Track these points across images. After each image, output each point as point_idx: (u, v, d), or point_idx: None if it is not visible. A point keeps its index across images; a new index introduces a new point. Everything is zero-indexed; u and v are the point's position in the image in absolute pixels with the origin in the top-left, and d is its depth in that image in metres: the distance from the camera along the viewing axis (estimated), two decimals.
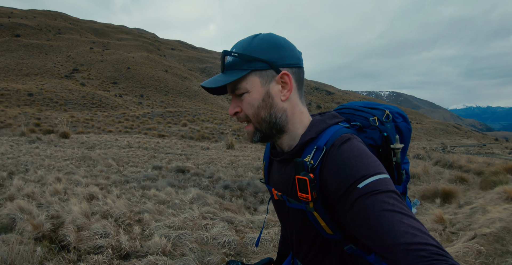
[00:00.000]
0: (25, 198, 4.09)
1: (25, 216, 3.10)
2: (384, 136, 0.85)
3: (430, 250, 0.55)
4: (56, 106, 34.57)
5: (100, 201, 4.01)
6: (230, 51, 0.79)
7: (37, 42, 78.26)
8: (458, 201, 6.10)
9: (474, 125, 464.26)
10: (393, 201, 0.62)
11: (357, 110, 0.93)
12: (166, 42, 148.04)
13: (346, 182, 0.67)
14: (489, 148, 56.06)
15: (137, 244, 2.58)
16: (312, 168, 0.75)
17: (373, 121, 0.87)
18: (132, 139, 15.15)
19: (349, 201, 0.66)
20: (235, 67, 0.79)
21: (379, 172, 0.67)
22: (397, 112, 0.93)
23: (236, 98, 0.83)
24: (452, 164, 13.11)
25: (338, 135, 0.77)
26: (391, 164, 0.86)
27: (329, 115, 0.86)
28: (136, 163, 8.44)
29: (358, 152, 0.71)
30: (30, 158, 7.88)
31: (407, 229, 0.58)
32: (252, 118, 0.81)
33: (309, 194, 0.73)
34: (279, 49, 0.79)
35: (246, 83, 0.79)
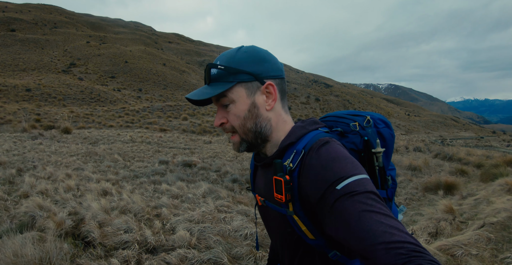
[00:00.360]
0: (39, 195, 4.11)
1: (45, 214, 3.13)
2: (364, 141, 0.86)
3: (408, 248, 0.56)
4: (54, 101, 34.41)
5: (115, 196, 4.04)
6: (215, 63, 0.80)
7: (33, 36, 77.42)
8: (461, 193, 6.19)
9: (472, 118, 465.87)
10: (371, 202, 0.63)
11: (340, 117, 0.96)
12: (163, 35, 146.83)
13: (325, 184, 0.68)
14: (486, 141, 56.37)
15: (162, 238, 2.62)
16: (290, 170, 0.76)
17: (353, 126, 0.89)
18: (134, 134, 15.15)
19: (328, 203, 0.66)
20: (221, 79, 0.79)
21: (356, 172, 0.67)
22: (379, 119, 0.95)
23: (221, 109, 0.84)
24: (451, 156, 13.23)
25: (316, 139, 0.78)
26: (374, 168, 0.87)
27: (310, 121, 0.88)
28: (142, 158, 8.48)
29: (335, 155, 0.72)
30: (36, 155, 7.88)
31: (386, 228, 0.59)
32: (238, 129, 0.82)
33: (283, 195, 0.74)
34: (262, 62, 0.81)
35: (232, 94, 0.80)
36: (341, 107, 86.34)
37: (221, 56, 0.82)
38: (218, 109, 0.85)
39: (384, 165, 0.89)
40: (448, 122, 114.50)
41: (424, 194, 6.70)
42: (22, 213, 3.30)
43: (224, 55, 0.81)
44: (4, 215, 3.35)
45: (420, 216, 4.57)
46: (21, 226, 3.02)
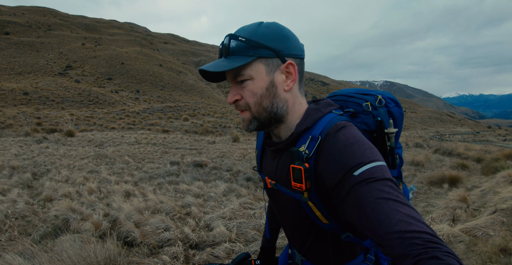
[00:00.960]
0: (63, 198, 4.19)
1: (78, 216, 3.21)
2: (378, 121, 0.85)
3: (424, 238, 0.55)
4: (53, 105, 34.27)
5: (139, 197, 4.12)
6: (237, 35, 0.76)
7: (28, 39, 76.93)
8: (466, 186, 6.39)
9: (467, 113, 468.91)
10: (389, 189, 0.62)
11: (350, 96, 0.94)
12: (158, 36, 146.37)
13: (342, 170, 0.67)
14: (483, 136, 56.90)
15: (203, 235, 2.71)
16: (307, 157, 0.75)
17: (366, 107, 0.87)
18: (138, 136, 15.20)
19: (345, 189, 0.66)
20: (240, 52, 0.76)
21: (375, 159, 0.67)
22: (389, 97, 0.93)
23: (236, 85, 0.81)
24: (451, 152, 13.46)
25: (332, 124, 0.76)
26: (386, 149, 0.85)
27: (324, 103, 0.85)
28: (152, 159, 8.55)
29: (353, 140, 0.70)
30: (46, 158, 7.93)
31: (402, 217, 0.58)
32: (253, 107, 0.79)
33: (303, 183, 0.73)
34: (285, 39, 0.78)
35: (251, 70, 0.76)
36: None
37: (240, 29, 0.78)
38: (232, 85, 0.82)
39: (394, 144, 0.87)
40: (444, 118, 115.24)
41: (430, 188, 6.88)
42: (52, 216, 3.37)
43: (244, 29, 0.77)
44: (34, 219, 3.41)
45: (432, 207, 4.74)
46: (55, 229, 3.11)
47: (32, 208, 3.73)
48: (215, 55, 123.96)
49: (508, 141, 41.17)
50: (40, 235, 2.82)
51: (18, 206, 3.63)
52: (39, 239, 2.73)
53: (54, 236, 2.84)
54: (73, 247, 1.98)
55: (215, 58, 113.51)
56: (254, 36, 0.75)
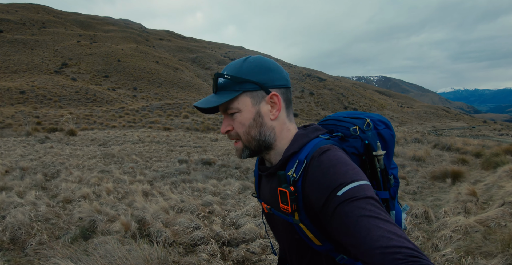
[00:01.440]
0: (82, 200, 4.20)
1: (104, 217, 3.25)
2: (365, 144, 0.87)
3: (405, 253, 0.57)
4: (50, 103, 34.06)
5: (157, 197, 4.17)
6: (222, 73, 0.83)
7: (22, 37, 76.03)
8: (469, 180, 6.53)
9: (462, 108, 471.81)
10: (371, 207, 0.64)
11: (340, 120, 0.96)
12: (153, 33, 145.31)
13: (326, 191, 0.70)
14: (479, 130, 57.45)
15: (233, 232, 2.77)
16: (294, 181, 0.78)
17: (353, 131, 0.89)
18: (140, 134, 15.18)
19: (330, 209, 0.68)
20: (227, 88, 0.82)
21: (356, 179, 0.69)
22: (379, 120, 0.95)
23: (227, 117, 0.86)
24: (450, 147, 13.64)
25: (317, 147, 0.80)
26: (376, 171, 0.88)
27: (311, 128, 0.89)
28: (159, 158, 8.58)
29: (336, 161, 0.73)
30: (53, 159, 7.92)
31: (383, 233, 0.60)
32: (242, 136, 0.84)
33: (289, 205, 0.76)
34: (268, 71, 0.83)
35: (238, 103, 0.82)
36: (335, 100, 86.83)
37: (228, 66, 0.85)
38: (224, 117, 0.87)
39: (386, 166, 0.90)
40: (440, 112, 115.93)
41: (433, 182, 7.02)
42: (77, 218, 3.40)
43: (231, 65, 0.84)
44: (58, 222, 3.42)
45: (439, 201, 4.85)
46: (83, 231, 3.14)
47: (53, 210, 3.74)
48: (212, 51, 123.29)
49: (505, 135, 41.70)
50: (71, 238, 2.85)
51: (40, 209, 3.64)
52: (70, 241, 2.77)
53: (84, 239, 2.88)
54: (120, 249, 2.01)
55: (211, 54, 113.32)
56: (239, 72, 0.81)
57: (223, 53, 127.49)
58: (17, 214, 3.24)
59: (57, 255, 2.16)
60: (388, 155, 0.92)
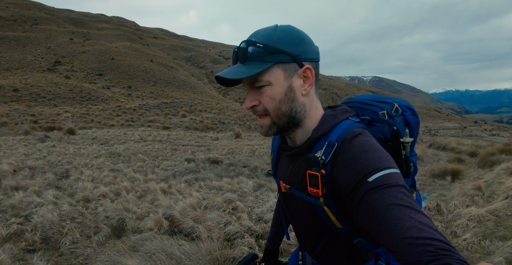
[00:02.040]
0: (101, 199, 4.21)
1: (132, 215, 3.30)
2: (393, 130, 0.85)
3: (436, 245, 0.55)
4: (44, 101, 33.62)
5: (177, 195, 4.22)
6: (254, 41, 0.76)
7: (13, 34, 74.88)
8: (469, 177, 6.79)
9: (453, 108, 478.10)
10: (402, 196, 0.63)
11: (366, 103, 0.93)
12: (147, 31, 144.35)
13: (357, 176, 0.68)
14: (470, 130, 58.49)
15: (264, 226, 2.85)
16: (323, 163, 0.75)
17: (382, 115, 0.87)
18: (141, 133, 15.14)
19: (359, 195, 0.67)
20: (258, 58, 0.76)
21: (389, 166, 0.68)
22: (406, 106, 0.93)
23: (253, 90, 0.80)
24: (445, 146, 13.97)
25: (349, 130, 0.77)
26: (401, 157, 0.86)
27: (341, 109, 0.86)
28: (165, 157, 8.59)
29: (368, 147, 0.71)
30: (59, 158, 7.88)
31: (414, 223, 0.58)
32: (272, 112, 0.79)
33: (320, 189, 0.74)
34: (302, 43, 0.78)
35: (269, 75, 0.76)
36: (329, 100, 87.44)
37: (256, 34, 0.78)
38: (249, 91, 0.82)
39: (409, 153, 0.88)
40: (432, 113, 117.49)
41: (434, 180, 7.29)
42: (103, 217, 3.44)
43: (260, 33, 0.77)
44: (84, 220, 3.41)
45: (444, 196, 5.05)
46: (114, 229, 3.18)
47: (76, 209, 3.76)
48: (206, 50, 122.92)
49: (496, 136, 42.65)
50: (104, 236, 2.89)
51: (63, 208, 3.65)
52: (104, 240, 2.81)
53: (116, 237, 2.93)
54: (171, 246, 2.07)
55: (206, 53, 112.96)
56: (271, 41, 0.75)
57: (218, 52, 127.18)
58: (46, 213, 3.25)
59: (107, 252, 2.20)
60: (412, 142, 0.89)
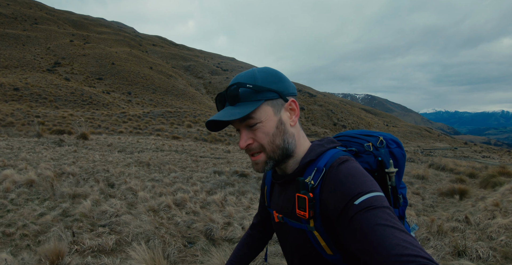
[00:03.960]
0: (166, 209, 4.44)
1: (218, 225, 3.54)
2: (378, 161, 0.90)
3: (420, 262, 0.57)
4: (46, 103, 33.48)
5: (236, 206, 4.48)
6: (243, 82, 0.80)
7: (13, 32, 74.58)
8: (475, 196, 7.38)
9: (443, 129, 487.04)
10: (387, 216, 0.66)
11: (353, 137, 0.99)
12: (146, 38, 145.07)
13: (344, 199, 0.71)
14: (461, 152, 59.87)
15: None
16: (312, 187, 0.79)
17: (367, 147, 0.92)
18: (155, 142, 15.31)
19: (347, 218, 0.69)
20: (248, 98, 0.80)
21: (374, 189, 0.71)
22: (391, 139, 0.98)
23: (246, 130, 0.84)
24: (444, 167, 14.58)
25: (336, 157, 0.82)
26: (387, 188, 0.90)
27: (327, 140, 0.92)
28: (192, 168, 8.80)
29: (354, 172, 0.75)
30: (90, 165, 7.98)
31: (399, 242, 0.61)
32: (267, 146, 0.82)
33: (307, 211, 0.77)
34: (282, 80, 0.84)
35: (260, 113, 0.81)
36: (324, 116, 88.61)
37: (239, 77, 0.83)
38: (242, 131, 0.84)
39: (396, 184, 0.92)
40: (423, 133, 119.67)
41: (443, 198, 7.83)
42: (185, 227, 3.68)
43: (243, 76, 0.83)
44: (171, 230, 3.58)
45: (460, 212, 5.51)
46: (202, 237, 3.42)
47: (155, 220, 3.88)
48: (204, 61, 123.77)
49: (486, 157, 43.97)
50: (205, 245, 3.14)
51: (143, 219, 3.87)
52: (205, 249, 3.06)
53: (213, 246, 3.19)
54: None
55: (204, 64, 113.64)
56: (257, 81, 0.81)
57: (216, 63, 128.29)
58: (142, 223, 3.47)
59: None
60: (399, 174, 0.96)
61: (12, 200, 4.41)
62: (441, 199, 7.81)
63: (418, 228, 5.42)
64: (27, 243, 3.00)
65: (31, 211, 3.91)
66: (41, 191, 4.94)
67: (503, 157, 47.66)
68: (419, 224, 4.33)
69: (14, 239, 3.06)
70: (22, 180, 5.27)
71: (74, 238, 3.04)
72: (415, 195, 8.19)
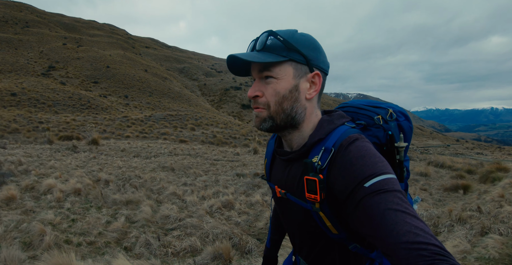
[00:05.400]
0: (219, 211, 4.77)
1: None
2: (388, 135, 0.87)
3: (432, 250, 0.56)
4: (44, 108, 33.38)
5: None
6: (276, 32, 0.78)
7: (5, 35, 73.82)
8: (478, 191, 8.04)
9: (434, 126, 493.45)
10: (398, 201, 0.64)
11: (361, 108, 0.95)
12: (139, 40, 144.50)
13: (353, 181, 0.69)
14: (454, 149, 61.17)
15: None
16: (320, 169, 0.76)
17: (377, 120, 0.89)
18: (167, 146, 15.57)
19: (356, 200, 0.67)
20: (275, 50, 0.78)
21: (385, 171, 0.69)
22: (400, 111, 0.94)
23: (260, 81, 0.82)
24: (442, 164, 15.20)
25: (345, 136, 0.78)
26: (395, 162, 0.87)
27: (337, 115, 0.87)
28: (214, 171, 9.09)
29: (365, 152, 0.72)
30: (118, 171, 8.17)
31: (410, 228, 0.59)
32: (273, 106, 0.80)
33: (318, 194, 0.74)
34: (317, 50, 0.82)
35: (280, 69, 0.79)
36: None
37: (278, 30, 0.80)
38: (256, 80, 0.83)
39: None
40: (416, 131, 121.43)
41: (448, 193, 8.41)
42: (246, 226, 3.99)
43: (283, 31, 0.80)
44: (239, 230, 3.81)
45: (468, 204, 6.01)
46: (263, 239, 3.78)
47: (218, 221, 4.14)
48: (198, 62, 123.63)
49: (480, 154, 45.17)
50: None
51: (208, 221, 4.07)
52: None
53: None
54: None
55: (198, 66, 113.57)
56: (291, 39, 0.78)
57: (210, 65, 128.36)
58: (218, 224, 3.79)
59: None
60: (406, 147, 0.91)
61: (69, 209, 4.64)
62: (447, 194, 8.36)
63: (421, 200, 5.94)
64: (117, 249, 3.31)
65: (96, 219, 4.18)
66: (91, 199, 5.22)
67: (494, 153, 48.89)
68: (439, 215, 4.76)
69: (100, 247, 3.34)
70: (68, 189, 5.52)
71: (161, 242, 3.37)
72: (423, 191, 8.76)
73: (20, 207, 4.57)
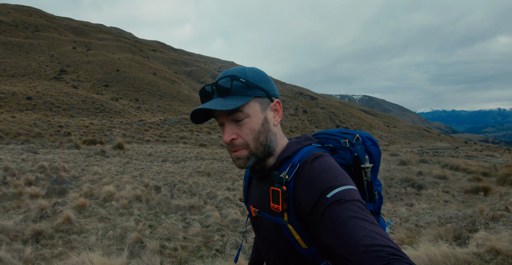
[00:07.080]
0: None
1: None
2: (354, 156, 0.93)
3: (388, 251, 0.60)
4: (60, 111, 33.93)
5: None
6: (237, 76, 0.83)
7: (16, 40, 74.99)
8: (498, 193, 8.23)
9: (441, 128, 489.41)
10: (357, 209, 0.68)
11: (331, 134, 1.02)
12: (146, 43, 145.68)
13: (317, 193, 0.74)
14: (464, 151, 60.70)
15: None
16: (286, 181, 0.81)
17: (344, 143, 0.95)
18: (191, 150, 15.85)
19: (320, 211, 0.72)
20: (239, 92, 0.83)
21: (345, 183, 0.74)
22: (367, 137, 1.01)
23: (231, 124, 0.85)
24: (457, 167, 15.31)
25: (310, 153, 0.85)
26: (363, 183, 0.93)
27: (304, 137, 0.95)
28: None
29: (327, 167, 0.78)
30: (159, 176, 8.33)
31: (368, 233, 0.63)
32: (251, 143, 0.85)
33: (280, 204, 0.79)
34: (269, 82, 0.89)
35: (249, 108, 0.84)
36: (327, 119, 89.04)
37: (230, 71, 0.86)
38: (226, 125, 0.86)
39: (372, 180, 0.95)
40: (424, 133, 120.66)
41: (470, 195, 8.61)
42: None
43: (234, 71, 0.86)
44: None
45: (493, 205, 6.25)
46: None
47: None
48: (206, 65, 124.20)
49: (490, 156, 44.90)
50: None
51: None
52: None
53: None
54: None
55: (206, 69, 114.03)
56: (250, 78, 0.85)
57: (217, 68, 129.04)
58: None
59: None
60: (374, 171, 0.98)
61: (140, 215, 4.92)
62: (468, 196, 8.57)
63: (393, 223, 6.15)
64: (213, 253, 3.57)
65: (172, 225, 4.42)
66: (155, 205, 5.50)
67: (504, 155, 48.58)
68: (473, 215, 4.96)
69: (193, 251, 3.58)
70: (130, 195, 5.79)
71: (248, 243, 3.62)
72: (445, 193, 9.02)
73: (93, 214, 4.79)
